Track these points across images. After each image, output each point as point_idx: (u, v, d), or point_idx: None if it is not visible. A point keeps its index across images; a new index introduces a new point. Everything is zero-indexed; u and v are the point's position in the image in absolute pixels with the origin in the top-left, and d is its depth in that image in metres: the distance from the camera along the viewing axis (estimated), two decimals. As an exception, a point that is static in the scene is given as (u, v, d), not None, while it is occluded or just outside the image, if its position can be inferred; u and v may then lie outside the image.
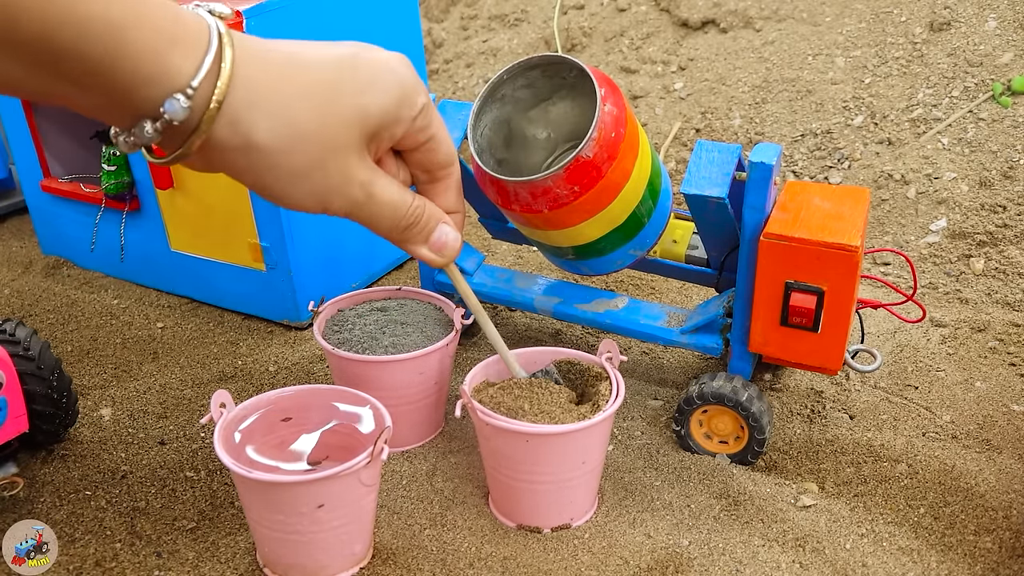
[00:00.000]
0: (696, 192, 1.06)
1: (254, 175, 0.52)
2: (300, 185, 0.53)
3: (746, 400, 1.09)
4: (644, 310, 1.23)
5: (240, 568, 0.99)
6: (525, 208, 1.05)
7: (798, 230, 1.02)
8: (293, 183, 0.53)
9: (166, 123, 0.47)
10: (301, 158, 0.52)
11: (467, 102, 1.22)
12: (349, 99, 0.54)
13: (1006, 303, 1.44)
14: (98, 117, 0.50)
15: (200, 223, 1.46)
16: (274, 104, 0.51)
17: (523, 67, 1.10)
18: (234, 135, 0.49)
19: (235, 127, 0.49)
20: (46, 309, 1.57)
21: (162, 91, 0.47)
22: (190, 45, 0.48)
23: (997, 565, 0.97)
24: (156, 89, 0.47)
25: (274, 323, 1.49)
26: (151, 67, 0.46)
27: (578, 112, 1.16)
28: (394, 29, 1.55)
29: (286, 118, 0.51)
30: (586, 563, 0.98)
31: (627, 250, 1.15)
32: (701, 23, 2.14)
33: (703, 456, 1.15)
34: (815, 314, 1.03)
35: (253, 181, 0.53)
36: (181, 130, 0.48)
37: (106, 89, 0.46)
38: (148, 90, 0.47)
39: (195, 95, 0.48)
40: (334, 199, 0.55)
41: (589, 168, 1.00)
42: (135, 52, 0.45)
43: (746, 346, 1.11)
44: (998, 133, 1.66)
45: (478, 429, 1.03)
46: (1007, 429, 1.18)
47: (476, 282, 1.32)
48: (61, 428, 1.16)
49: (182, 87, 0.47)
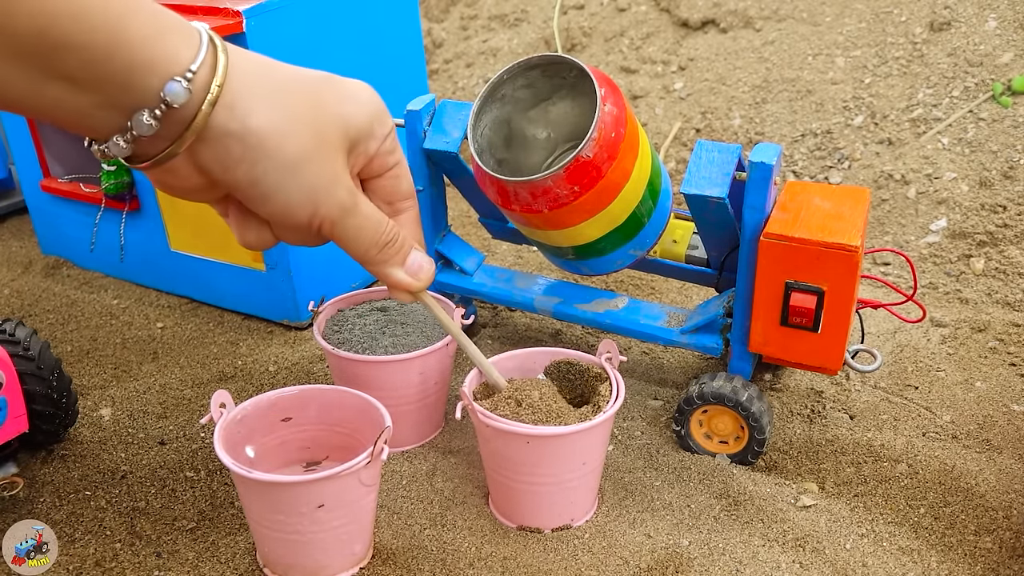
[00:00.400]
0: (696, 192, 1.06)
1: (247, 166, 0.52)
2: (292, 179, 0.53)
3: (746, 400, 1.09)
4: (644, 310, 1.23)
5: (240, 568, 0.99)
6: (525, 208, 1.05)
7: (798, 230, 1.02)
8: (285, 176, 0.53)
9: (165, 109, 0.47)
10: (296, 145, 0.52)
11: (467, 102, 1.22)
12: (332, 107, 0.55)
13: (1006, 303, 1.44)
14: (83, 124, 0.48)
15: (200, 223, 1.46)
16: (270, 91, 0.51)
17: (523, 67, 1.10)
18: (232, 119, 0.50)
19: (233, 111, 0.50)
20: (46, 309, 1.57)
21: (161, 76, 0.47)
22: (185, 34, 0.48)
23: (997, 565, 0.97)
24: (155, 76, 0.47)
25: (274, 323, 1.49)
26: (150, 52, 0.46)
27: (578, 112, 1.16)
28: (394, 29, 1.55)
29: (282, 103, 0.51)
30: (586, 563, 0.98)
31: (627, 250, 1.15)
32: (701, 23, 2.14)
33: (703, 456, 1.15)
34: (815, 314, 1.03)
35: (246, 173, 0.52)
36: (180, 118, 0.48)
37: (102, 82, 0.46)
38: (147, 78, 0.47)
39: (194, 79, 0.48)
40: (323, 200, 0.55)
41: (589, 168, 1.00)
42: (133, 39, 0.45)
43: (746, 346, 1.11)
44: (998, 133, 1.66)
45: (478, 431, 1.03)
46: (1007, 429, 1.18)
47: (476, 282, 1.32)
48: (61, 428, 1.16)
49: (181, 71, 0.47)
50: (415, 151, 1.24)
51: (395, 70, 1.56)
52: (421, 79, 1.64)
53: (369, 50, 1.47)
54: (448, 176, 1.30)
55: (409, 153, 1.25)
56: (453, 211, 1.76)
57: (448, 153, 1.21)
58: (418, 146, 1.24)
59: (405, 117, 1.23)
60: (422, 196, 1.29)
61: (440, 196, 1.32)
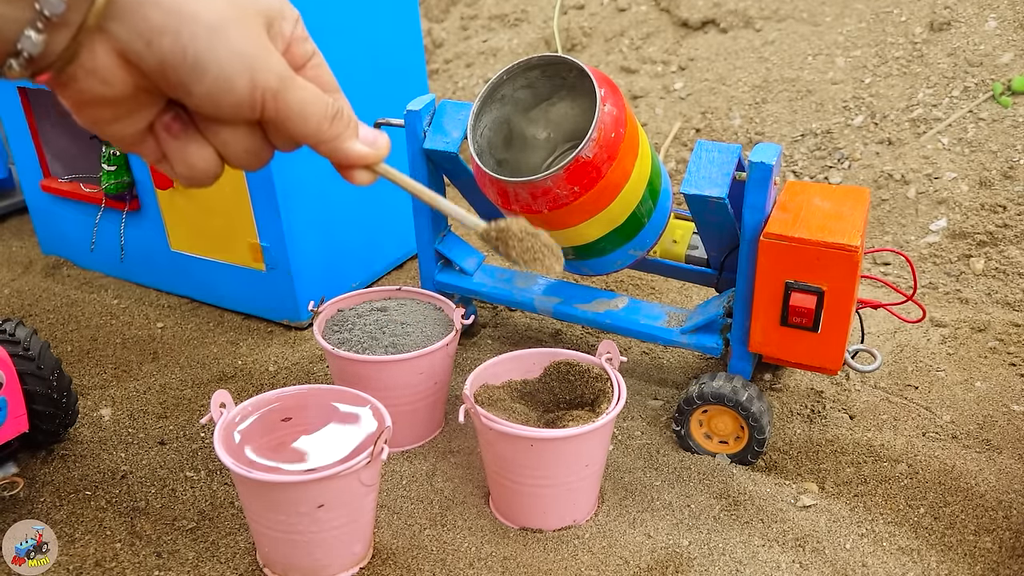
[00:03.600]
0: (696, 192, 1.06)
1: (172, 36, 0.49)
2: (222, 41, 0.51)
3: (746, 400, 1.09)
4: (644, 310, 1.23)
5: (240, 568, 0.99)
6: (525, 208, 1.05)
7: (798, 230, 1.02)
8: (214, 38, 0.51)
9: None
10: (214, 12, 0.49)
11: (467, 102, 1.22)
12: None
13: (1006, 303, 1.44)
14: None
15: (200, 223, 1.46)
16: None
17: (523, 67, 1.10)
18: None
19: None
20: (46, 309, 1.57)
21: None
22: None
23: (997, 565, 0.97)
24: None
25: (274, 323, 1.49)
26: None
27: (578, 112, 1.16)
28: (394, 29, 1.55)
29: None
30: (586, 563, 0.98)
31: (627, 250, 1.15)
32: (701, 23, 2.14)
33: (703, 456, 1.15)
34: (815, 314, 1.03)
35: (172, 43, 0.50)
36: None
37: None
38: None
39: None
40: (259, 67, 0.53)
41: (589, 168, 1.00)
42: None
43: (746, 346, 1.11)
44: (998, 133, 1.66)
45: (480, 434, 1.02)
46: (1007, 429, 1.18)
47: (476, 282, 1.32)
48: (61, 428, 1.16)
49: None
50: (415, 151, 1.25)
51: (395, 70, 1.56)
52: (421, 79, 1.64)
53: (369, 50, 1.47)
54: (448, 176, 1.30)
55: (409, 153, 1.25)
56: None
57: (448, 153, 1.21)
58: (418, 146, 1.24)
59: (405, 117, 1.23)
60: None
61: (440, 195, 1.32)
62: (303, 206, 1.39)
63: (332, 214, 1.45)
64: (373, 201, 1.54)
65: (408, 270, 1.66)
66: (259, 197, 1.35)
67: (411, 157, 1.25)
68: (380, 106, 1.51)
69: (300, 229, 1.39)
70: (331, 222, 1.45)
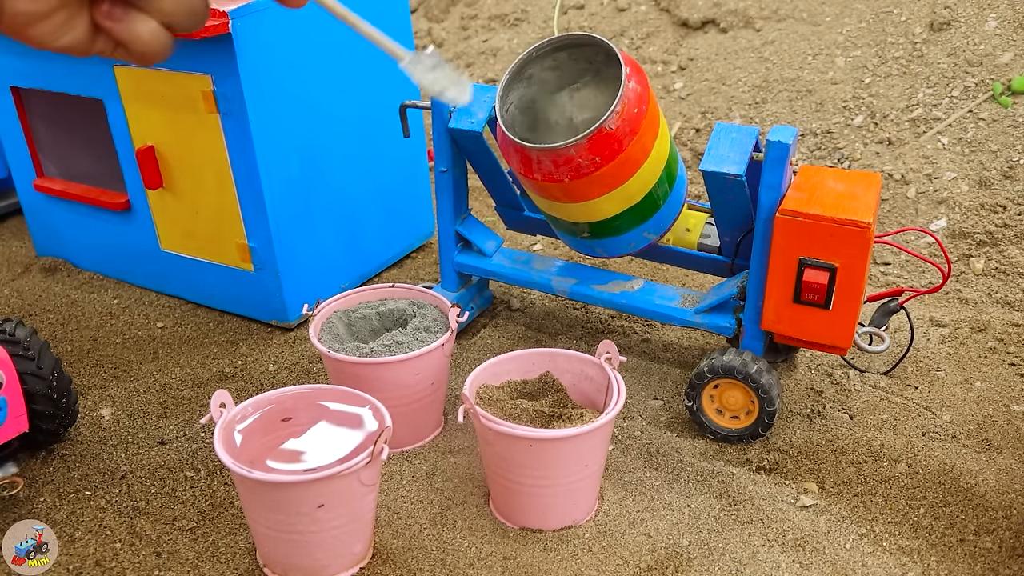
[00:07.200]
0: (714, 169, 1.09)
1: None
2: None
3: (756, 372, 1.11)
4: (659, 291, 1.26)
5: (240, 568, 0.99)
6: (547, 177, 1.07)
7: (812, 207, 1.04)
8: None
9: None
10: None
11: (491, 86, 1.25)
12: None
13: (1006, 303, 1.44)
14: None
15: (189, 223, 1.46)
16: None
17: (552, 47, 1.12)
18: None
19: None
20: (46, 309, 1.57)
21: None
22: None
23: (997, 565, 0.97)
24: None
25: (274, 324, 1.49)
26: None
27: (602, 101, 1.18)
28: (384, 29, 1.54)
29: None
30: (586, 563, 0.98)
31: (641, 231, 1.17)
32: (701, 23, 2.14)
33: (703, 456, 1.15)
34: (827, 290, 1.05)
35: None
36: None
37: None
38: None
39: None
40: None
41: (611, 140, 1.03)
42: None
43: (758, 325, 1.13)
44: (998, 133, 1.66)
45: (480, 434, 1.02)
46: (1007, 429, 1.18)
47: (495, 263, 1.35)
48: (61, 428, 1.16)
49: None
50: (440, 132, 1.28)
51: (388, 69, 1.55)
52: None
53: (359, 50, 1.46)
54: (470, 160, 1.32)
55: (435, 133, 1.28)
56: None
57: (473, 132, 1.24)
58: (443, 127, 1.27)
59: (432, 99, 1.25)
60: (445, 177, 1.32)
61: (462, 177, 1.35)
62: (290, 207, 1.39)
63: (320, 215, 1.45)
64: (362, 202, 1.54)
65: (405, 268, 1.66)
66: (247, 197, 1.35)
67: (436, 137, 1.29)
68: (380, 106, 1.51)
69: (288, 230, 1.39)
70: (319, 223, 1.45)
